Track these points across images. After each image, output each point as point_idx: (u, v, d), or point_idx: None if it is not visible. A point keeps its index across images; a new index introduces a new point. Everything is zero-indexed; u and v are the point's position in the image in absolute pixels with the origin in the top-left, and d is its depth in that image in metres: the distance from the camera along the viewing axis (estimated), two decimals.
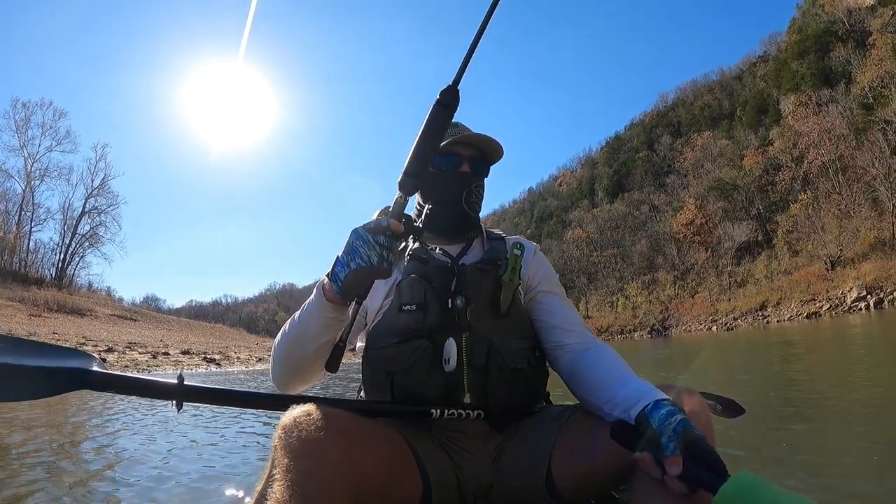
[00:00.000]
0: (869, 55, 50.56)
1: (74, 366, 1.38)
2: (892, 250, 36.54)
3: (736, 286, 50.63)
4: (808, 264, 43.73)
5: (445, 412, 1.34)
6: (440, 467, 1.33)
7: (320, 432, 1.02)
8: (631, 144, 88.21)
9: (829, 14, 60.32)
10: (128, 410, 5.47)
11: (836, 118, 50.01)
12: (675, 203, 65.52)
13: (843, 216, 43.95)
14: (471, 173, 1.59)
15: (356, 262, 1.17)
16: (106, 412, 5.46)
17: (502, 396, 1.39)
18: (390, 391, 1.39)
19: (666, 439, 1.01)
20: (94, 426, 4.60)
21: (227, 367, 17.96)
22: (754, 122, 65.21)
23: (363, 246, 1.16)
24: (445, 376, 1.37)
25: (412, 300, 1.42)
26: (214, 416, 4.74)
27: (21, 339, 1.47)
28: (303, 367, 1.37)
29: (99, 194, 54.00)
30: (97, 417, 5.17)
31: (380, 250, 1.16)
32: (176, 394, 1.32)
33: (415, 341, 1.38)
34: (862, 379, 4.98)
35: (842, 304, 33.68)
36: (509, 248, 1.50)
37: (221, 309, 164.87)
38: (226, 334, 54.05)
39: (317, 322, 1.28)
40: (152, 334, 35.00)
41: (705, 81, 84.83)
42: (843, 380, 5.11)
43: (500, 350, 1.39)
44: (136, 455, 3.23)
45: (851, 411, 3.39)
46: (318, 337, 1.29)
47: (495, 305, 1.43)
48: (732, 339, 21.63)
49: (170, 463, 2.99)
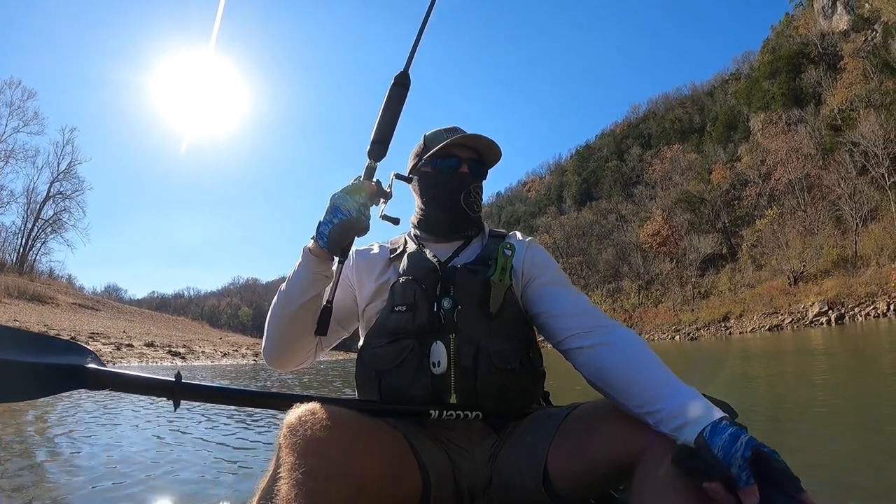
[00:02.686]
0: (840, 78, 52.14)
1: (70, 362, 1.32)
2: (854, 268, 37.29)
3: (700, 297, 51.25)
4: (772, 278, 44.40)
5: (444, 413, 1.34)
6: (439, 467, 1.34)
7: (324, 431, 1.05)
8: (601, 154, 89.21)
9: (803, 36, 62.23)
10: (127, 405, 5.71)
11: (804, 138, 51.38)
12: (643, 213, 66.22)
13: (807, 233, 44.81)
14: (469, 174, 1.60)
15: (338, 216, 1.27)
16: (108, 404, 5.70)
17: (493, 397, 1.38)
18: (378, 390, 1.40)
19: (737, 470, 0.98)
20: (94, 418, 4.69)
21: (192, 361, 18.48)
22: (723, 138, 66.52)
23: (343, 202, 1.27)
24: (431, 377, 1.37)
25: (403, 301, 1.43)
26: (217, 414, 4.88)
27: (7, 328, 1.36)
28: (292, 332, 1.43)
29: (65, 179, 54.15)
30: (98, 410, 5.32)
31: (358, 206, 1.27)
32: (174, 392, 1.32)
33: (403, 341, 1.40)
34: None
35: (803, 319, 34.12)
36: (499, 247, 1.49)
37: (184, 301, 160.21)
38: (189, 327, 56.27)
39: (303, 279, 1.36)
40: (114, 325, 35.58)
41: (677, 95, 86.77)
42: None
43: (489, 351, 1.38)
44: (139, 451, 3.28)
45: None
46: (304, 292, 1.37)
47: (484, 307, 1.42)
48: (698, 348, 22.19)
49: (173, 460, 3.03)
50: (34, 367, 1.28)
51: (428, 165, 1.62)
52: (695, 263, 55.20)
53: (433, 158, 1.59)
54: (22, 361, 1.27)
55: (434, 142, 1.61)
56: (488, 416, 1.39)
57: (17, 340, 1.34)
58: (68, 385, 1.31)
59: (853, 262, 38.11)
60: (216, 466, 2.84)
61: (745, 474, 0.96)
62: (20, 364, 1.27)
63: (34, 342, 1.36)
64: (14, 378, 1.27)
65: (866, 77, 48.57)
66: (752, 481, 0.95)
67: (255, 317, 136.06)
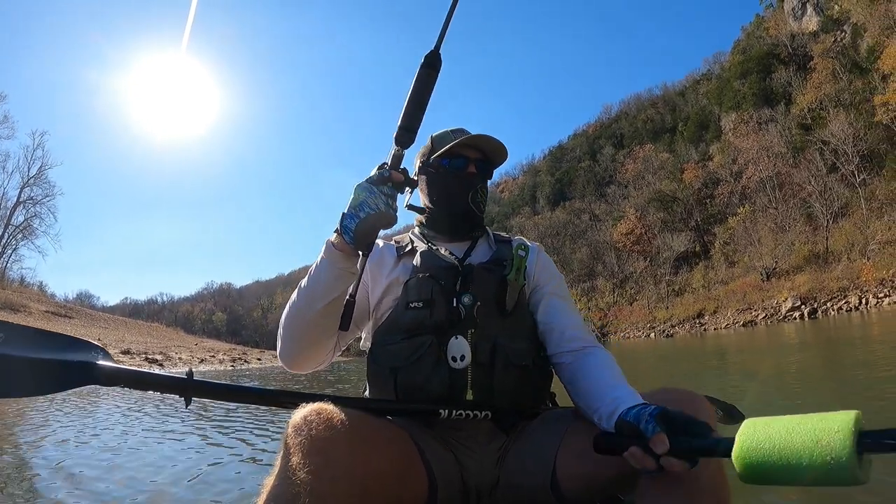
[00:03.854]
0: (809, 78, 52.93)
1: (80, 359, 1.33)
2: (825, 263, 37.77)
3: (674, 295, 51.56)
4: (744, 275, 44.84)
5: (454, 412, 1.34)
6: (446, 467, 1.36)
7: (330, 431, 1.05)
8: (574, 154, 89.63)
9: (773, 37, 63.31)
10: (132, 402, 5.86)
11: (774, 137, 52.08)
12: (616, 213, 66.53)
13: (778, 230, 45.50)
14: (477, 174, 1.63)
15: (364, 210, 1.21)
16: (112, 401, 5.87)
17: (508, 393, 1.41)
18: (394, 387, 1.40)
19: (644, 424, 1.05)
20: (101, 414, 4.85)
21: (169, 369, 18.95)
22: (695, 138, 67.27)
23: (370, 196, 1.21)
24: (449, 372, 1.38)
25: (419, 297, 1.44)
26: (222, 412, 4.95)
27: (18, 326, 1.37)
28: (314, 333, 1.38)
29: (35, 184, 52.47)
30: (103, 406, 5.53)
31: (385, 198, 1.22)
32: (186, 389, 1.32)
33: (420, 337, 1.40)
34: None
35: (777, 314, 34.41)
36: (514, 248, 1.57)
37: (157, 307, 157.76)
38: (163, 334, 55.53)
39: (328, 275, 1.30)
40: (89, 332, 35.68)
41: (649, 96, 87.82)
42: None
43: (505, 348, 1.41)
44: (143, 448, 3.38)
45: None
46: (329, 291, 1.31)
47: (501, 304, 1.46)
48: (675, 345, 22.48)
49: (177, 457, 3.10)
50: (47, 363, 1.28)
51: (436, 165, 1.62)
52: (668, 261, 55.69)
53: (442, 158, 1.60)
54: (35, 358, 1.28)
55: (442, 142, 1.62)
56: (497, 416, 1.39)
57: (29, 337, 1.32)
58: (80, 381, 1.30)
59: (824, 257, 38.58)
60: (221, 465, 2.86)
61: (651, 425, 1.03)
62: (33, 360, 1.27)
63: (46, 339, 1.35)
64: (27, 373, 1.27)
65: (836, 77, 49.46)
66: (658, 429, 1.01)
67: (230, 322, 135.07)
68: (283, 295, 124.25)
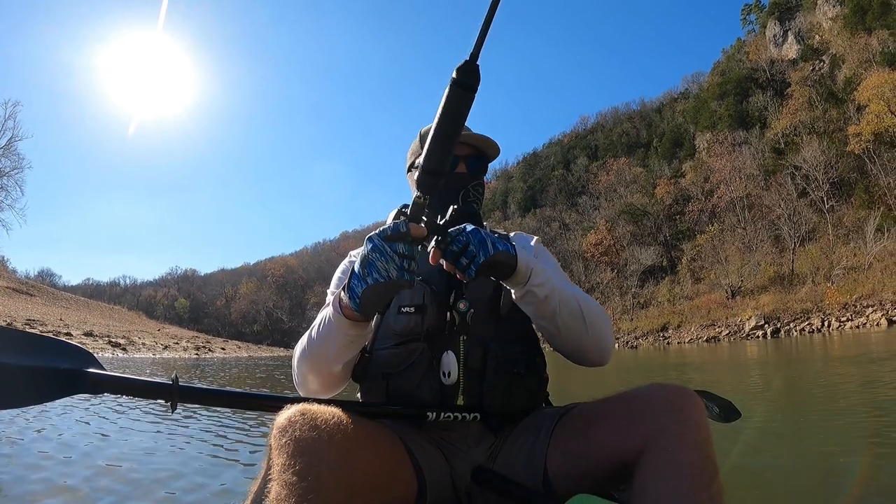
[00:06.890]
0: (786, 104, 54.45)
1: (68, 366, 1.24)
2: (790, 285, 38.44)
3: (639, 307, 51.84)
4: (710, 292, 45.32)
5: (441, 414, 1.31)
6: (435, 467, 1.33)
7: (315, 432, 1.02)
8: (547, 162, 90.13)
9: (753, 61, 65.02)
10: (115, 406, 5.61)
11: (747, 158, 53.26)
12: (586, 223, 66.94)
13: (745, 250, 46.31)
14: (468, 173, 1.58)
15: (373, 276, 1.08)
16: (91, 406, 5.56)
17: (499, 399, 1.36)
18: (385, 392, 1.38)
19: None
20: (79, 419, 4.62)
21: (133, 353, 18.12)
22: (669, 154, 68.35)
23: (380, 258, 1.07)
24: (440, 385, 1.35)
25: (411, 302, 1.39)
26: (209, 415, 4.86)
27: (2, 328, 1.28)
28: (329, 382, 1.37)
29: (4, 155, 48.73)
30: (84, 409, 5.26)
31: (399, 261, 1.07)
32: (172, 394, 1.26)
33: (411, 344, 1.37)
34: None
35: (740, 331, 34.76)
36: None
37: (119, 290, 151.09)
38: (126, 317, 55.42)
39: (336, 340, 1.24)
40: (50, 311, 34.52)
41: (626, 110, 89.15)
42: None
43: (497, 354, 1.37)
44: (130, 453, 3.32)
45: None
46: (340, 355, 1.28)
47: (495, 309, 1.43)
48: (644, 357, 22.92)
49: (163, 461, 3.06)
50: (31, 370, 1.18)
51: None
52: (636, 274, 56.16)
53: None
54: (17, 365, 1.16)
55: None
56: (487, 417, 1.36)
57: (15, 341, 1.22)
58: (67, 390, 1.21)
59: (790, 279, 39.29)
60: (207, 469, 2.84)
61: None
62: (15, 367, 1.16)
63: (29, 343, 1.24)
64: (9, 383, 1.16)
65: (811, 105, 50.81)
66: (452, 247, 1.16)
67: (192, 308, 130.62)
68: (248, 285, 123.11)
